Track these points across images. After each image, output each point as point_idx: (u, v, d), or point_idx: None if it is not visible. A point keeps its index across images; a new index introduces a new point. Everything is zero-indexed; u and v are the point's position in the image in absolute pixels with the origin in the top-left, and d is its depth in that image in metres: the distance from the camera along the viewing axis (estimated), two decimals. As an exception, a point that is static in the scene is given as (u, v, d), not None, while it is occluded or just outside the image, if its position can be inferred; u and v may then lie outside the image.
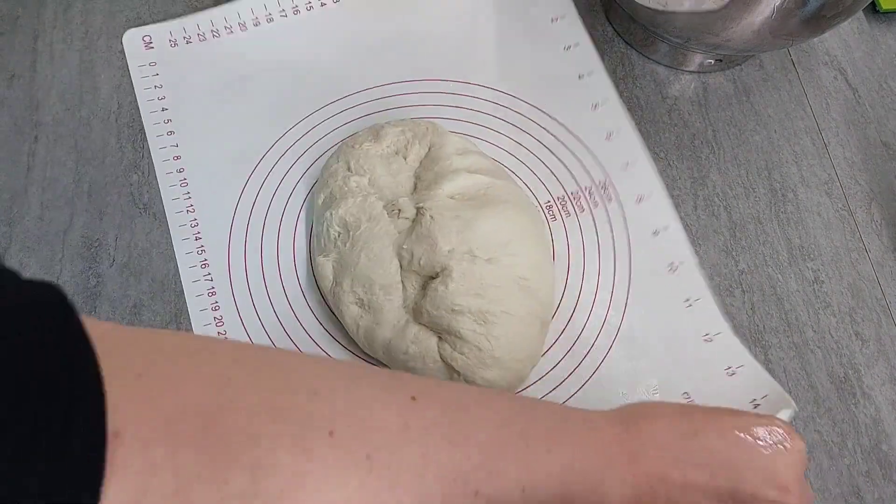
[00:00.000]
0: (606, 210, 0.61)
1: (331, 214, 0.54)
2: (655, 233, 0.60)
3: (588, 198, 0.61)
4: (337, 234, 0.54)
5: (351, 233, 0.53)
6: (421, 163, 0.57)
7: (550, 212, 0.61)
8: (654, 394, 0.54)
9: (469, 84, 0.65)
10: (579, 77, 0.66)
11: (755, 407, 0.53)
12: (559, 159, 0.63)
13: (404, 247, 0.52)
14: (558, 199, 0.61)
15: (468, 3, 0.69)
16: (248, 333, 0.54)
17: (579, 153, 0.63)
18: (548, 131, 0.64)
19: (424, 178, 0.55)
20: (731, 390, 0.54)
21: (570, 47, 0.67)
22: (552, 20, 0.68)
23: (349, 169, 0.56)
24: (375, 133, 0.58)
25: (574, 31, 0.67)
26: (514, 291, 0.51)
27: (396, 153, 0.57)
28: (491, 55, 0.65)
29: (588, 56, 0.66)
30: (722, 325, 0.56)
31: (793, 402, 0.51)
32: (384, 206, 0.54)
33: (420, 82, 0.65)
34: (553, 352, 0.56)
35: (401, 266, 0.52)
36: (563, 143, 0.63)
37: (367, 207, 0.54)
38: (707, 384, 0.54)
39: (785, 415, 0.49)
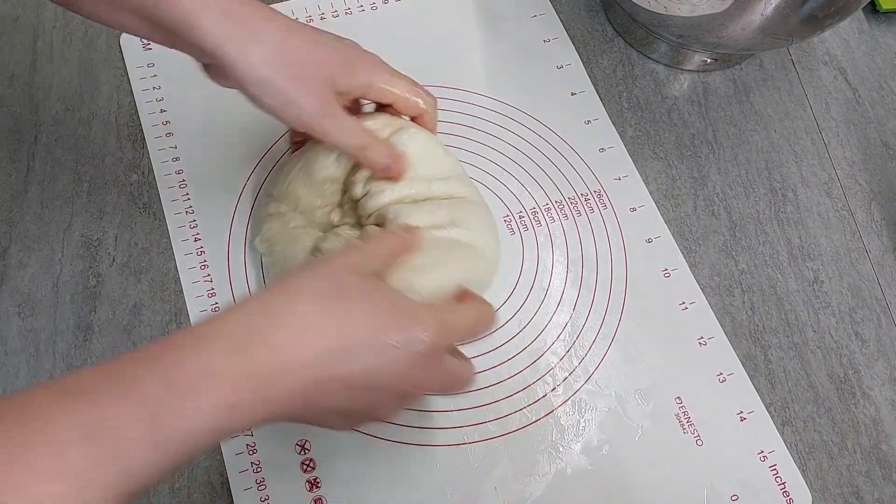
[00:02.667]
0: (601, 216, 0.61)
1: (258, 241, 0.55)
2: (649, 241, 0.61)
3: (584, 203, 0.62)
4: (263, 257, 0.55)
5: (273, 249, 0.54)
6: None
7: (549, 215, 0.61)
8: (644, 398, 0.55)
9: (466, 91, 0.66)
10: (571, 94, 0.67)
11: (742, 420, 0.54)
12: (556, 166, 0.63)
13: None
14: (556, 203, 0.62)
15: (465, 22, 0.70)
16: (247, 333, 0.54)
17: (574, 162, 0.64)
18: (544, 139, 0.65)
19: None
20: (721, 398, 0.55)
21: (562, 66, 0.69)
22: (545, 41, 0.70)
23: (270, 195, 0.56)
24: (307, 170, 0.53)
25: (566, 51, 0.70)
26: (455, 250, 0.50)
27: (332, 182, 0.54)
28: (488, 70, 0.66)
29: (579, 75, 0.68)
30: (716, 330, 0.57)
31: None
32: (321, 229, 0.53)
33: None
34: (553, 349, 0.56)
35: None
36: (559, 151, 0.64)
37: (287, 228, 0.53)
38: (698, 389, 0.55)
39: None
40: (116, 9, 0.45)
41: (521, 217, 0.61)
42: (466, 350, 0.48)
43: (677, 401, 0.55)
